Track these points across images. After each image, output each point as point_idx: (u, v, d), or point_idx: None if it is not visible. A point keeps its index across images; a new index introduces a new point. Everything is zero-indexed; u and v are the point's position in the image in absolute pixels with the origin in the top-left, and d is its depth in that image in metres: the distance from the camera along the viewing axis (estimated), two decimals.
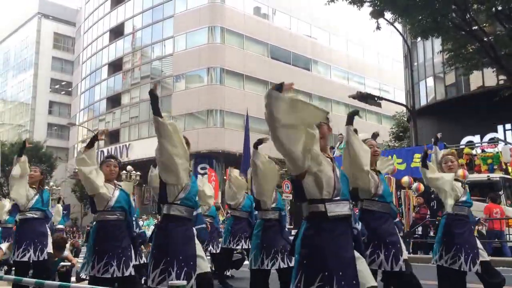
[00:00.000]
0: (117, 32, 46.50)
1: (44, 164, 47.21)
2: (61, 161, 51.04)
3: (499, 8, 16.10)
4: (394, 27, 20.59)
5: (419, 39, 21.20)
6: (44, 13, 61.61)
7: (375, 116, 46.13)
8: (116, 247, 4.59)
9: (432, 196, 12.76)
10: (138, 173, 32.69)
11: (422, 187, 13.35)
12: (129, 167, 32.52)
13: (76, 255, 12.94)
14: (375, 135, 4.70)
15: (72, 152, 51.95)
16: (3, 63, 69.04)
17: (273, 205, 5.26)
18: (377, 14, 17.60)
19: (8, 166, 44.52)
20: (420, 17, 16.45)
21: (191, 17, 38.67)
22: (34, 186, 6.21)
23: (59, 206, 12.39)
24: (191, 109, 36.82)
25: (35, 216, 6.06)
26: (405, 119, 34.70)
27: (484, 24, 17.18)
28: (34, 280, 5.13)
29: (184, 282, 3.40)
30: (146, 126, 40.71)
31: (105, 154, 42.74)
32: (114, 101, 45.55)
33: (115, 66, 46.24)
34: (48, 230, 6.30)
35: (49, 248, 6.17)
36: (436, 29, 16.72)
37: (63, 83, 61.40)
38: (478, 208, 12.13)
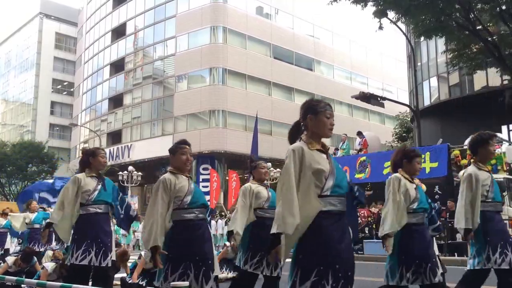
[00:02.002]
0: (119, 32, 46.52)
1: (46, 165, 47.42)
2: (63, 162, 51.11)
3: (503, 7, 16.08)
4: (398, 26, 20.56)
5: (422, 39, 21.25)
6: (46, 13, 61.71)
7: (378, 116, 46.09)
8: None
9: (436, 197, 12.73)
10: (140, 173, 32.74)
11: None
12: (130, 168, 32.58)
13: None
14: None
15: (74, 153, 52.02)
16: (4, 63, 69.19)
17: (266, 204, 5.17)
18: (380, 13, 17.57)
19: (10, 167, 44.74)
20: (423, 17, 16.46)
21: (193, 17, 38.67)
22: (94, 174, 5.30)
23: None
24: (193, 109, 36.82)
25: (99, 210, 5.19)
26: (409, 119, 34.69)
27: (488, 24, 17.17)
28: (36, 281, 5.13)
29: (187, 283, 3.40)
30: (148, 126, 40.74)
31: (107, 154, 42.77)
32: (116, 101, 45.57)
33: (117, 66, 46.25)
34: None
35: (114, 253, 5.31)
36: (439, 29, 16.72)
37: (65, 83, 61.46)
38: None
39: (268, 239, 3.10)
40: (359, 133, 19.24)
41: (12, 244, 13.37)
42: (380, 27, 17.84)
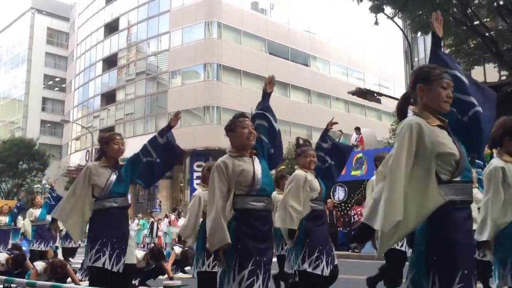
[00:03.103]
0: (112, 27, 46.39)
1: (37, 162, 47.28)
2: (54, 159, 50.97)
3: (501, 2, 16.15)
4: (394, 22, 20.58)
5: (419, 34, 21.24)
6: (38, 8, 61.47)
7: (375, 112, 46.16)
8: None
9: None
10: None
11: None
12: None
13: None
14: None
15: (66, 150, 51.89)
16: None
17: (320, 196, 4.99)
18: (376, 8, 17.61)
19: (0, 164, 44.57)
20: (420, 12, 16.48)
21: (188, 12, 38.61)
22: (109, 164, 4.72)
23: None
24: (187, 105, 36.71)
25: (115, 204, 4.53)
26: None
27: (486, 19, 17.22)
28: (25, 280, 5.08)
29: (179, 282, 3.34)
30: (141, 123, 40.68)
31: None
32: (108, 97, 45.46)
33: (110, 62, 46.13)
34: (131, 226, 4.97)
35: (129, 257, 4.63)
36: None
37: (57, 79, 61.26)
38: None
39: (324, 234, 2.92)
40: (357, 129, 19.24)
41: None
42: (376, 23, 17.88)
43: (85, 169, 4.66)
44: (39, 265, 7.08)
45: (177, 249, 10.07)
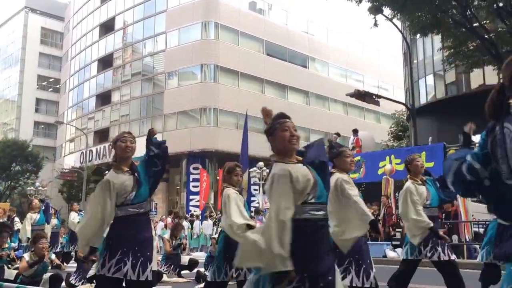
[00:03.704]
0: (107, 27, 46.48)
1: (30, 164, 47.28)
2: (48, 161, 50.97)
3: (500, 4, 16.26)
4: (393, 23, 20.73)
5: (418, 36, 21.39)
6: (32, 7, 61.47)
7: (373, 114, 46.33)
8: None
9: None
10: None
11: None
12: None
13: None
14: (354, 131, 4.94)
15: (60, 152, 51.91)
16: None
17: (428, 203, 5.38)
18: (375, 10, 17.72)
19: None
20: (419, 14, 16.61)
21: (184, 12, 38.72)
22: (126, 168, 4.35)
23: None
24: (184, 107, 36.84)
25: (140, 210, 4.25)
26: (405, 118, 34.91)
27: (485, 21, 17.35)
28: (16, 285, 5.13)
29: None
30: (136, 124, 40.70)
31: (94, 153, 42.82)
32: (103, 98, 45.52)
33: (105, 63, 46.21)
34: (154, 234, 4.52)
35: (154, 263, 4.37)
36: (436, 26, 16.89)
37: (51, 80, 61.26)
38: (482, 210, 12.33)
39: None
40: (355, 131, 19.34)
41: None
42: (375, 24, 18.00)
43: (105, 184, 4.20)
44: (27, 255, 7.29)
45: (166, 236, 10.25)
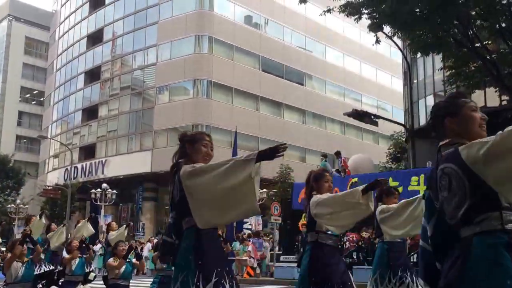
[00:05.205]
0: (95, 38, 46.77)
1: (11, 180, 47.21)
2: (30, 177, 50.87)
3: (503, 24, 16.69)
4: (393, 41, 21.19)
5: (419, 55, 21.80)
6: (15, 15, 61.79)
7: (371, 135, 46.71)
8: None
9: None
10: (114, 191, 32.85)
11: None
12: (104, 185, 32.69)
13: None
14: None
15: (43, 167, 51.85)
16: None
17: None
18: (375, 27, 18.10)
19: None
20: (420, 32, 17.01)
21: (177, 25, 39.06)
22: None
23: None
24: (174, 123, 36.99)
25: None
26: (403, 139, 35.30)
27: (487, 41, 17.77)
28: None
29: None
30: (125, 140, 40.86)
31: (79, 170, 42.85)
32: (90, 113, 45.66)
33: (93, 75, 46.42)
34: None
35: None
36: (437, 45, 17.27)
37: (35, 92, 61.39)
38: None
39: None
40: (337, 153, 19.70)
41: None
42: (377, 41, 18.37)
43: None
44: (111, 260, 7.98)
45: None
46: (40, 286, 8.00)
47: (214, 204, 3.26)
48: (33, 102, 61.80)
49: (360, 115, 20.07)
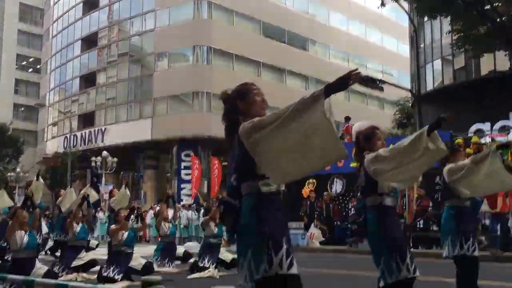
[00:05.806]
0: (91, 4, 46.29)
1: (10, 149, 47.28)
2: (29, 146, 50.98)
3: None
4: (400, 4, 20.89)
5: (426, 18, 21.54)
6: None
7: (376, 101, 46.58)
8: None
9: (437, 187, 13.14)
10: (115, 159, 32.91)
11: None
12: (104, 153, 32.75)
13: None
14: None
15: (42, 136, 51.90)
16: None
17: None
18: None
19: None
20: None
21: None
22: None
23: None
24: (174, 91, 36.90)
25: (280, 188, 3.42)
26: (410, 104, 35.19)
27: (497, 3, 17.52)
28: (22, 277, 5.35)
29: (159, 278, 3.27)
30: (124, 108, 40.77)
31: (78, 138, 42.88)
32: (88, 80, 45.48)
33: (90, 42, 46.09)
34: None
35: None
36: (445, 8, 17.03)
37: (31, 59, 61.08)
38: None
39: None
40: (347, 118, 19.48)
41: None
42: (382, 4, 18.15)
43: None
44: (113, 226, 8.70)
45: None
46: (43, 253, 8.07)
47: (289, 155, 2.95)
48: (29, 70, 61.57)
49: (365, 80, 19.92)
